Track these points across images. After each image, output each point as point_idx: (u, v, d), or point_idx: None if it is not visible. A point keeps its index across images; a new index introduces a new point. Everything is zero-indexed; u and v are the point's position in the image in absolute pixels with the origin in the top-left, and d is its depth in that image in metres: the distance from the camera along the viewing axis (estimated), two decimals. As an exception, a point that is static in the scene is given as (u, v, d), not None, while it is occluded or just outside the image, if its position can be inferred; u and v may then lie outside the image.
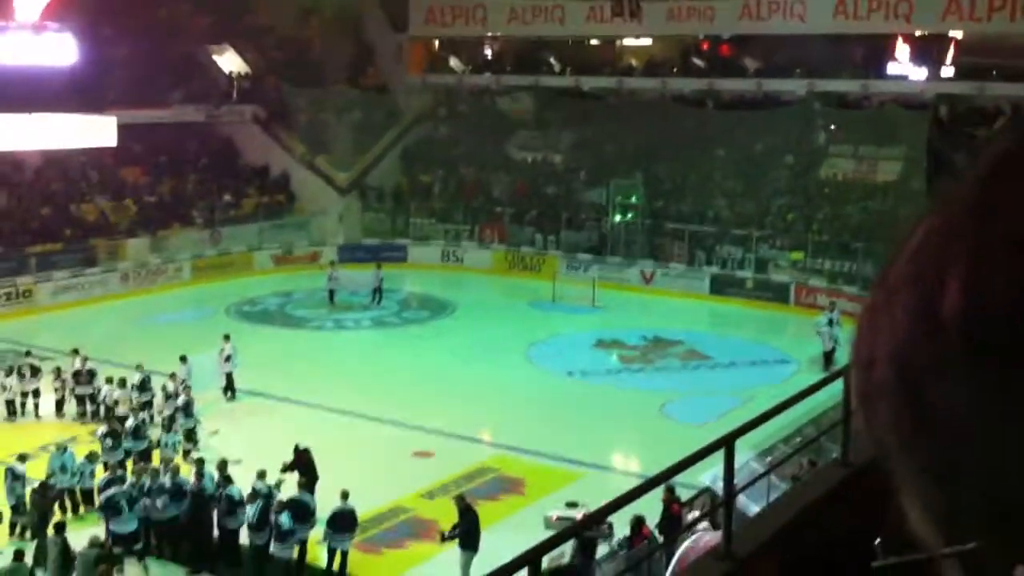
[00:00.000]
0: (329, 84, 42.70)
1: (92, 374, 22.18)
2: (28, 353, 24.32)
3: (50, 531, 15.74)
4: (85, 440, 20.09)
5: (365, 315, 31.85)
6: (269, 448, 19.24)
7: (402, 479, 19.22)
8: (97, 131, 31.54)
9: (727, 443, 6.82)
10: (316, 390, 23.70)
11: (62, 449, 17.86)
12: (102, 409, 21.66)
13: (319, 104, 42.67)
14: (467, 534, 15.55)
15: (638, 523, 14.60)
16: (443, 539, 15.84)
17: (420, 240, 39.24)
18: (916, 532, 0.60)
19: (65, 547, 15.13)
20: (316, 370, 25.62)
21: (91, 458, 17.95)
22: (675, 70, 41.56)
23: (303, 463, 17.52)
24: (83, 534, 15.80)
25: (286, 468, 17.22)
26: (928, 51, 36.73)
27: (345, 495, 16.06)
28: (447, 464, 20.02)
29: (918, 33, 36.54)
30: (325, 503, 16.27)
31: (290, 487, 16.67)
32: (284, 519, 15.61)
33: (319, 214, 39.53)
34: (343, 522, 15.91)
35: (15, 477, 16.98)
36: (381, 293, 32.73)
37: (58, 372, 22.30)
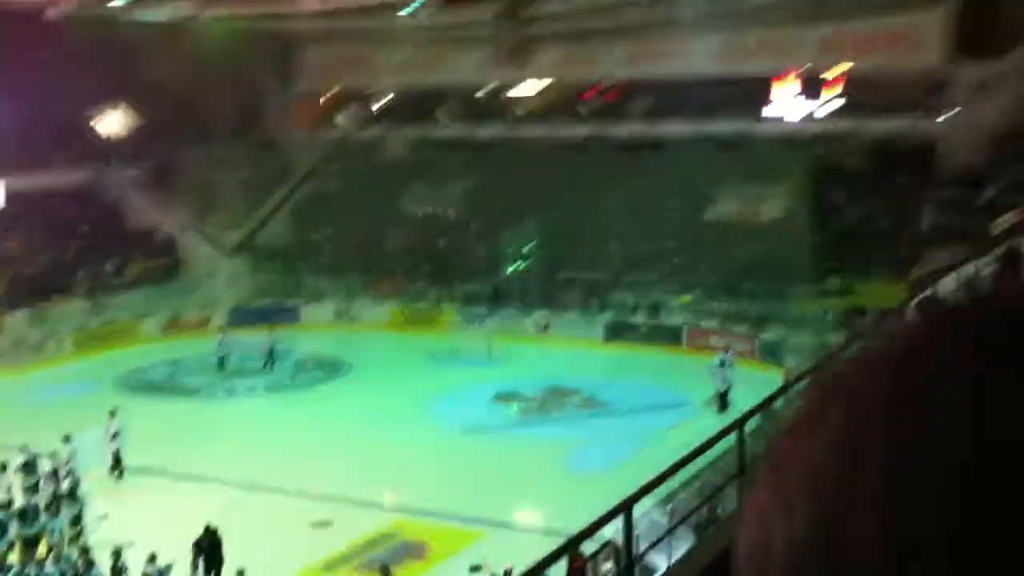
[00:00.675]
0: (217, 142, 41.96)
1: None
2: None
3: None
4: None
5: (258, 380, 31.15)
6: (162, 529, 18.59)
7: (301, 551, 18.70)
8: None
9: (626, 508, 6.73)
10: (209, 462, 23.01)
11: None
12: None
13: (207, 163, 41.87)
14: None
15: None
16: None
17: (313, 299, 38.65)
18: None
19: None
20: (209, 441, 24.89)
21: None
22: (566, 116, 41.97)
23: (210, 544, 16.96)
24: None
25: (196, 548, 16.65)
26: (807, 90, 37.79)
27: (240, 574, 15.51)
28: (347, 532, 19.60)
29: (797, 73, 37.57)
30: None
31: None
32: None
33: (208, 277, 38.66)
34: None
35: None
36: (274, 356, 32.05)
37: None
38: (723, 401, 25.83)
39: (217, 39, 38.95)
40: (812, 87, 37.51)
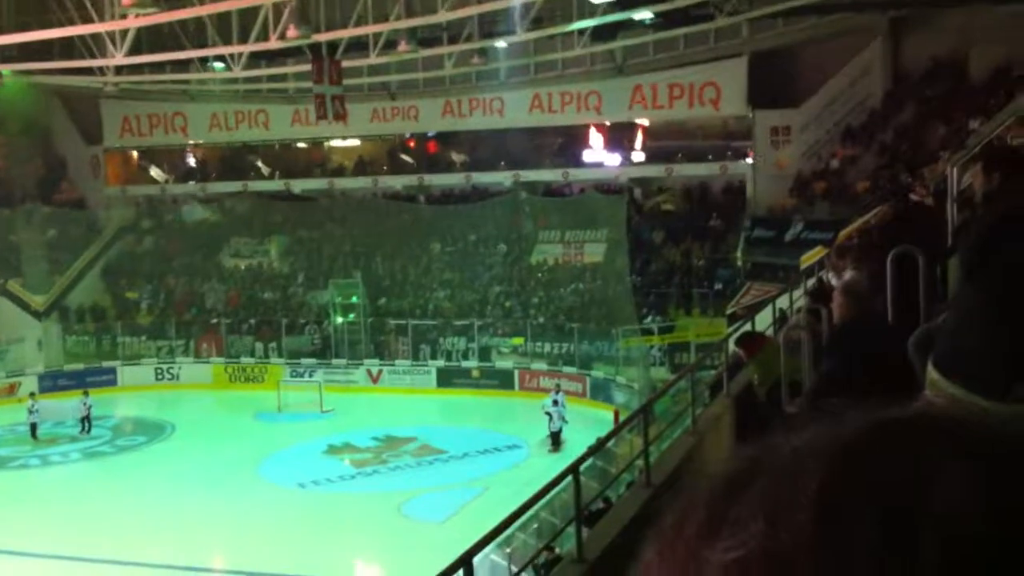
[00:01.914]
0: (19, 203, 39.95)
1: None
2: None
3: None
4: None
5: (74, 447, 29.65)
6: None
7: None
8: None
9: (465, 562, 6.71)
10: (24, 536, 21.67)
11: None
12: None
13: (8, 225, 39.81)
14: None
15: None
16: None
17: (130, 360, 37.11)
18: None
19: None
20: (23, 514, 23.44)
21: None
22: (385, 168, 42.07)
23: None
24: None
25: None
26: (619, 139, 39.16)
27: None
28: (178, 600, 18.70)
29: (608, 123, 38.90)
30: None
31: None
32: None
33: (15, 342, 36.59)
34: None
35: None
36: (90, 422, 30.56)
37: None
38: (556, 440, 26.22)
39: (12, 97, 37.19)
40: (623, 136, 38.89)
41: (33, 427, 30.07)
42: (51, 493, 25.68)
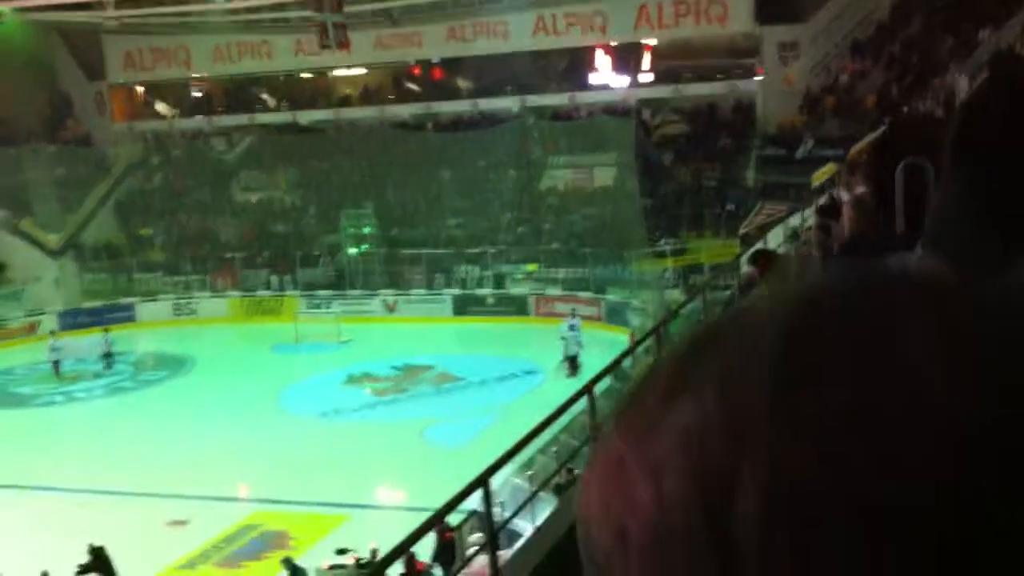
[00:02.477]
0: (24, 142, 39.95)
1: None
2: None
3: None
4: None
5: (97, 383, 30.06)
6: (10, 542, 17.82)
7: (158, 553, 18.19)
8: None
9: (483, 481, 6.87)
10: (52, 472, 22.09)
11: None
12: None
13: (16, 164, 39.83)
14: None
15: (410, 558, 14.44)
16: None
17: (148, 296, 37.38)
18: None
19: None
20: (49, 449, 23.91)
21: None
22: (391, 97, 41.81)
23: (100, 562, 16.11)
24: None
25: (81, 571, 15.79)
26: (625, 60, 38.78)
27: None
28: (205, 529, 19.19)
29: (615, 43, 38.49)
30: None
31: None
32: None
33: (32, 281, 36.88)
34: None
35: None
36: (112, 358, 30.92)
37: None
38: (573, 365, 26.42)
39: (12, 35, 37.03)
40: (630, 57, 38.52)
41: (56, 364, 30.49)
42: (76, 429, 26.14)
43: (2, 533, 19.03)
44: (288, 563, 15.48)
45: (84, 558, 16.13)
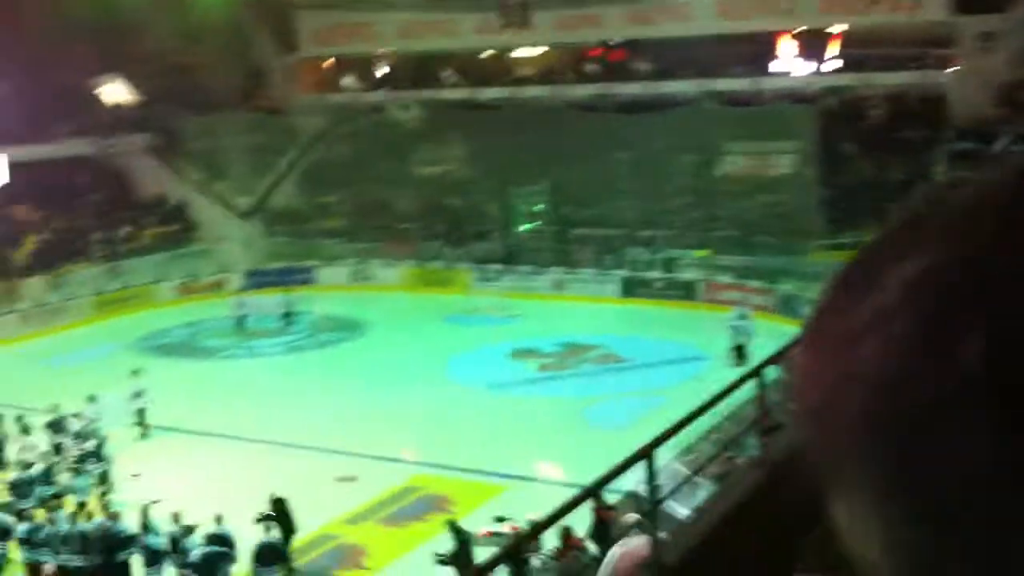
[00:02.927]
0: (220, 109, 42.02)
1: None
2: None
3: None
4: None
5: (277, 341, 31.37)
6: (189, 487, 18.94)
7: (326, 506, 18.98)
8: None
9: (647, 453, 6.90)
10: (232, 421, 23.28)
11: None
12: (6, 452, 20.91)
13: (212, 130, 41.91)
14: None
15: (566, 534, 14.64)
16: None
17: (327, 261, 38.80)
18: (851, 551, 0.57)
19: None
20: (230, 400, 25.17)
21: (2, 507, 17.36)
22: (569, 77, 41.92)
23: (281, 514, 16.72)
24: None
25: (262, 519, 16.33)
26: (811, 46, 37.73)
27: (268, 527, 15.81)
28: (370, 487, 19.85)
29: (800, 29, 37.50)
30: (250, 537, 15.97)
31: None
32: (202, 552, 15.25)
33: (222, 241, 38.85)
34: (269, 556, 15.64)
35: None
36: (292, 317, 32.29)
37: None
38: (741, 354, 25.99)
39: (212, 7, 38.93)
40: (815, 43, 37.45)
41: (240, 321, 32.06)
42: (256, 382, 27.36)
43: (182, 476, 20.24)
44: (453, 526, 15.88)
45: (261, 506, 16.97)
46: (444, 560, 15.30)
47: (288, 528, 16.53)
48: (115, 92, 41.92)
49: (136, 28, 40.43)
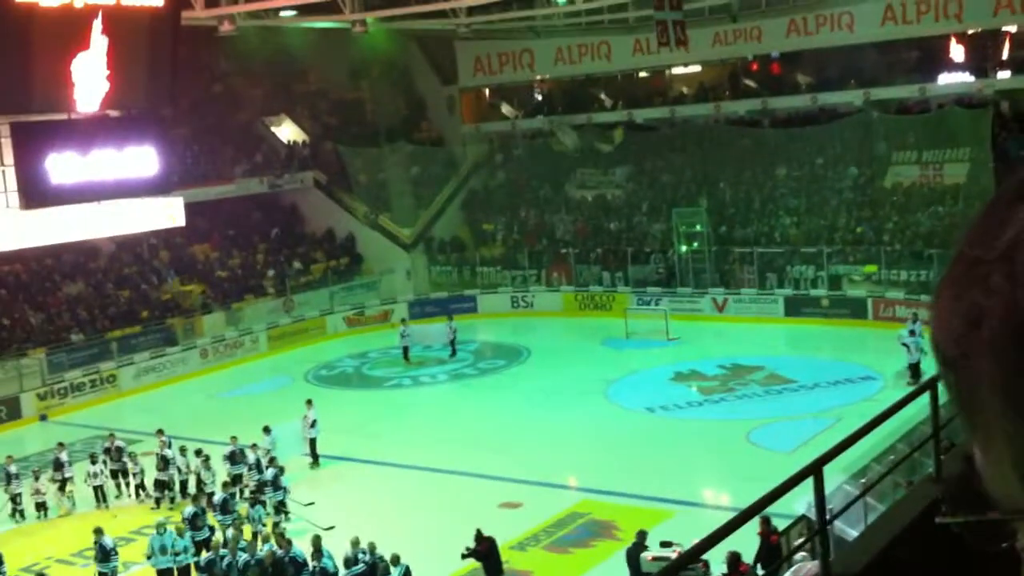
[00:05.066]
0: (384, 142, 43.28)
1: (166, 460, 22.02)
2: (111, 435, 24.22)
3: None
4: (177, 520, 20.30)
5: (441, 369, 31.91)
6: (360, 513, 19.41)
7: (491, 532, 19.07)
8: (166, 212, 32.24)
9: (816, 470, 6.66)
10: (398, 449, 23.78)
11: (162, 529, 17.93)
12: (189, 484, 21.88)
13: (377, 163, 43.24)
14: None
15: (735, 559, 14.30)
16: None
17: (488, 289, 39.29)
18: (993, 492, 0.61)
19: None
20: (397, 428, 25.74)
21: (182, 534, 18.10)
22: (727, 93, 41.35)
23: (486, 550, 16.71)
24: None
25: (469, 554, 16.51)
26: (982, 49, 36.09)
27: (396, 559, 15.96)
28: (536, 513, 19.87)
29: (971, 32, 35.92)
30: (425, 562, 16.20)
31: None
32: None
33: (387, 272, 39.86)
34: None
35: (104, 550, 17.26)
36: (455, 346, 32.82)
37: (132, 457, 22.59)
38: (915, 373, 24.95)
39: (376, 43, 40.13)
40: (987, 45, 35.78)
41: (405, 350, 32.75)
42: (422, 410, 27.92)
43: (351, 502, 20.79)
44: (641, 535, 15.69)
45: (420, 526, 17.15)
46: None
47: (496, 568, 16.42)
48: (285, 131, 43.72)
49: (303, 67, 42.18)
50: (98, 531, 17.56)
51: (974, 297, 0.60)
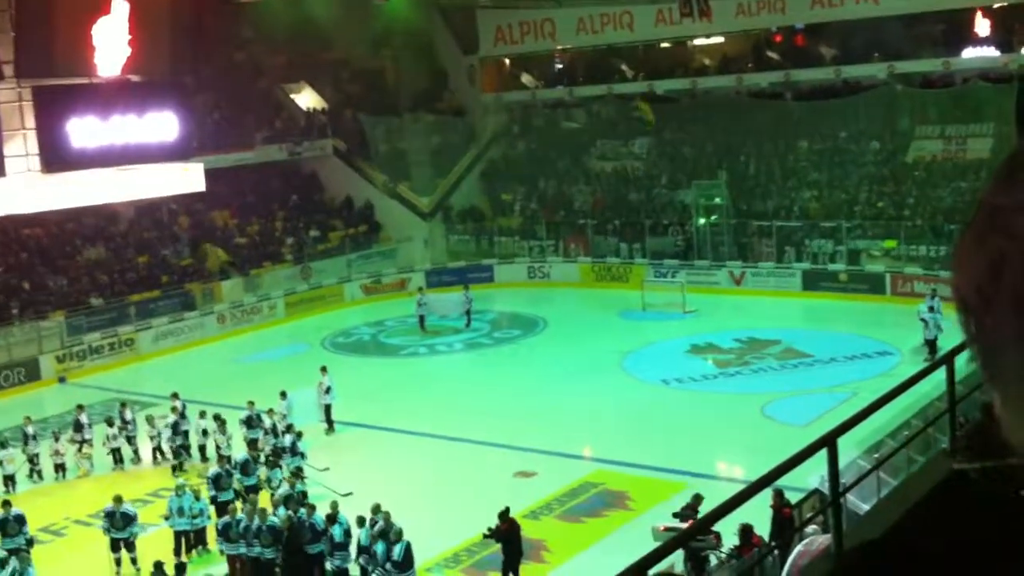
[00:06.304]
0: (405, 111, 43.20)
1: (178, 424, 22.14)
2: (123, 404, 24.05)
3: (171, 572, 15.93)
4: (197, 482, 20.49)
5: (457, 338, 31.97)
6: (375, 479, 19.54)
7: (505, 500, 19.13)
8: (186, 178, 32.34)
9: (829, 442, 6.65)
10: (414, 417, 23.87)
11: (181, 491, 18.11)
12: (208, 449, 22.07)
13: (397, 132, 43.19)
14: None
15: (747, 532, 14.33)
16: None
17: (505, 259, 39.28)
18: (1012, 438, 0.61)
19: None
20: (413, 397, 25.83)
21: (199, 497, 18.26)
22: (749, 65, 41.00)
23: (507, 532, 16.16)
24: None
25: (491, 534, 16.09)
26: (1009, 22, 35.62)
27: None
28: (550, 482, 19.95)
29: (997, 6, 35.46)
30: (439, 529, 16.30)
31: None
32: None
33: (404, 241, 39.91)
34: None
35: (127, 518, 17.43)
36: (471, 315, 32.86)
37: (150, 420, 22.75)
38: (932, 349, 24.83)
39: (397, 13, 39.98)
40: (1014, 19, 35.30)
41: (421, 319, 32.84)
42: (437, 379, 28.02)
43: (366, 468, 20.94)
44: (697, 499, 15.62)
45: (434, 495, 17.24)
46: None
47: (516, 551, 15.97)
48: (305, 99, 43.69)
49: (325, 36, 42.06)
50: (117, 499, 17.71)
51: (996, 241, 0.62)
